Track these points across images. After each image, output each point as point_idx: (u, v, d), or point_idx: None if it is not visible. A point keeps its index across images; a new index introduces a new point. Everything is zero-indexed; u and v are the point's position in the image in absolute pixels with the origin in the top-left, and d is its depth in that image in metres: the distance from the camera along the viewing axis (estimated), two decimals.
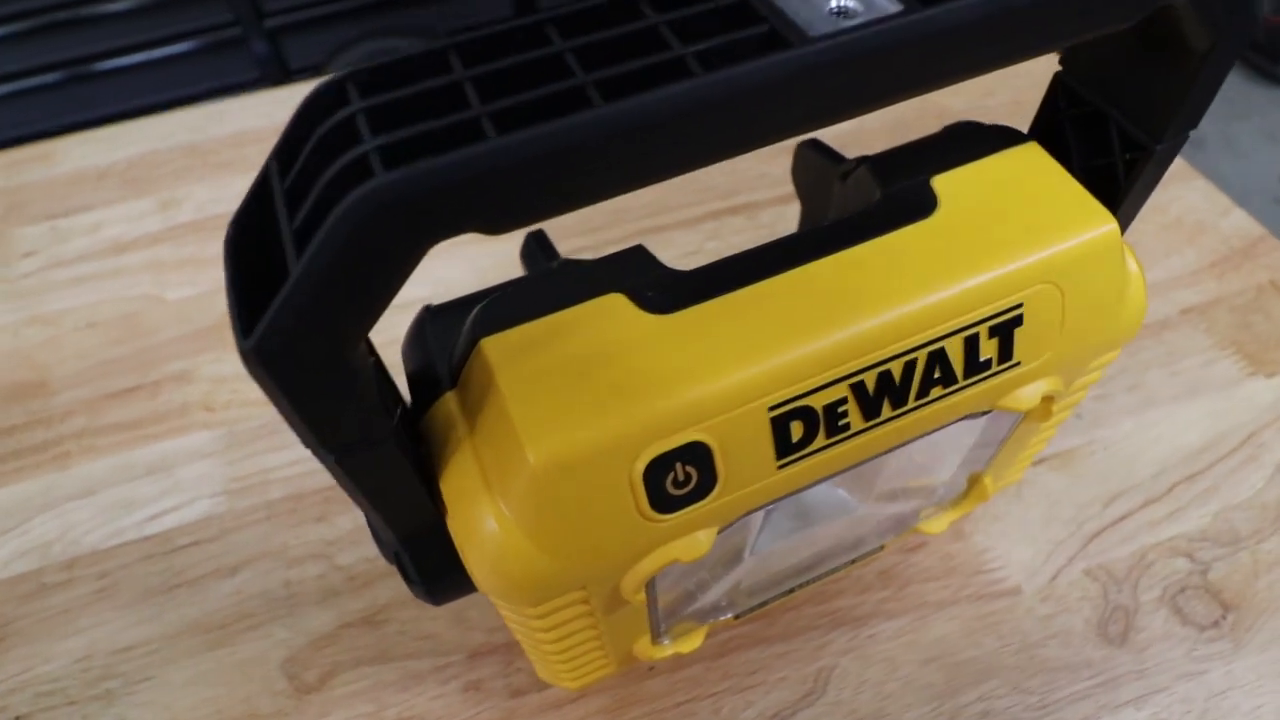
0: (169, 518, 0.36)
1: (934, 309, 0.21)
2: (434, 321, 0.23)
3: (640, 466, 0.19)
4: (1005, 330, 0.22)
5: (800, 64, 0.15)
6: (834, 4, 0.16)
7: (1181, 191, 0.46)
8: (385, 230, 0.13)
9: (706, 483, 0.20)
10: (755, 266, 0.21)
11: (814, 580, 0.31)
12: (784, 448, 0.20)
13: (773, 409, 0.20)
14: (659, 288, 0.21)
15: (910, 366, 0.21)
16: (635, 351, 0.20)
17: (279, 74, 1.19)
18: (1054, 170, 0.23)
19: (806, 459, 0.21)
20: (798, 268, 0.21)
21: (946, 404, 0.22)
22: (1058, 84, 0.25)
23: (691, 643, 0.29)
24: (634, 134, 0.14)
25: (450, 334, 0.21)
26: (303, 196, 0.14)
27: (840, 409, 0.21)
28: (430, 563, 0.21)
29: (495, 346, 0.20)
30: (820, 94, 0.15)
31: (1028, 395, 0.23)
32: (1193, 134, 0.24)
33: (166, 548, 0.35)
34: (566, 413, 0.19)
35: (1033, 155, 0.23)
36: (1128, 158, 0.24)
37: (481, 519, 0.19)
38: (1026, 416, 0.26)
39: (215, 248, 0.47)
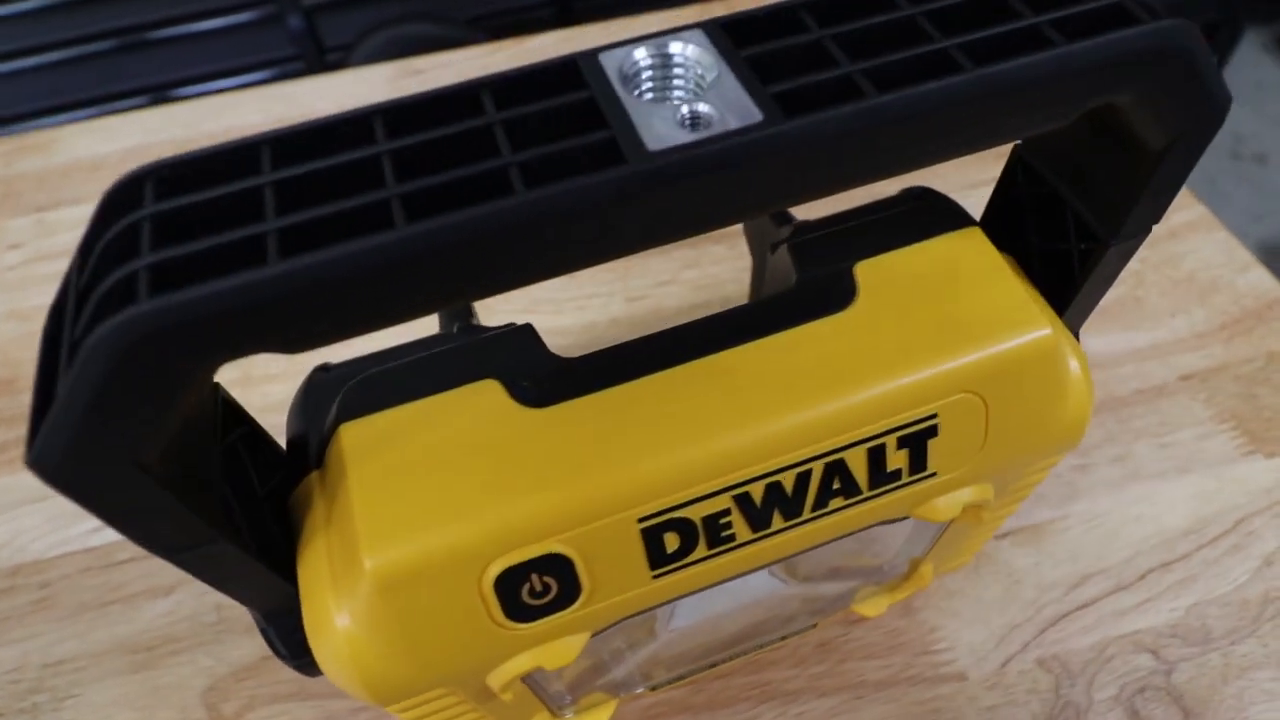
0: (111, 530, 0.36)
1: (833, 418, 0.19)
2: (320, 387, 0.22)
3: (490, 578, 0.18)
4: (917, 441, 0.20)
5: (632, 182, 0.13)
6: (686, 111, 0.14)
7: (1199, 244, 0.43)
8: (146, 360, 0.12)
9: (569, 593, 0.19)
10: (644, 358, 0.20)
11: (740, 655, 0.30)
12: (659, 559, 0.19)
13: (643, 521, 0.18)
14: (538, 377, 0.19)
15: (804, 478, 0.19)
16: (498, 450, 0.18)
17: (314, 52, 1.19)
18: (993, 263, 0.21)
19: (688, 568, 0.20)
20: (689, 362, 0.19)
21: (850, 514, 0.20)
22: (1017, 159, 0.23)
23: (601, 715, 0.28)
24: (437, 257, 0.13)
25: (330, 404, 0.20)
26: (83, 305, 0.13)
27: (722, 520, 0.19)
28: (298, 638, 0.21)
29: (354, 433, 0.19)
30: (656, 214, 0.14)
31: (946, 506, 0.21)
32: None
33: (106, 561, 0.35)
34: (413, 516, 0.17)
35: (973, 243, 0.21)
36: (1083, 248, 0.22)
37: (327, 616, 0.18)
38: (957, 520, 0.24)
39: None
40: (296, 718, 0.31)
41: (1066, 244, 0.22)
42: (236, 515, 0.18)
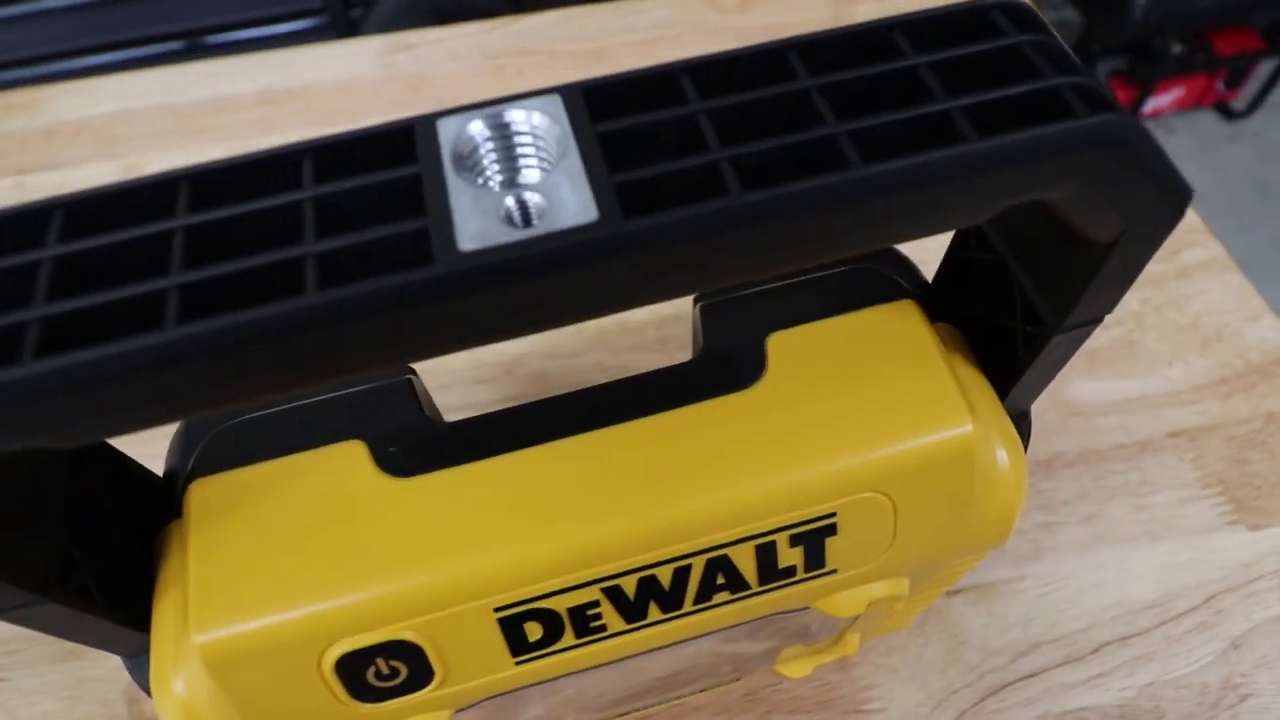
0: None
1: (717, 514, 0.17)
2: (196, 425, 0.20)
3: (330, 661, 0.17)
4: (813, 540, 0.18)
5: (433, 286, 0.12)
6: (513, 202, 0.12)
7: (1208, 285, 0.40)
8: None
9: (420, 677, 0.18)
10: (523, 428, 0.18)
11: (657, 705, 0.28)
12: (520, 647, 0.18)
13: (500, 610, 0.17)
14: (406, 441, 0.18)
15: (683, 574, 0.18)
16: (349, 522, 0.17)
17: (339, 6, 1.17)
18: (921, 344, 0.19)
19: (555, 655, 0.18)
20: (570, 437, 0.18)
21: (740, 607, 0.19)
22: (972, 228, 0.21)
23: None
24: (216, 359, 0.12)
25: (193, 450, 0.19)
26: None
27: (590, 612, 0.18)
28: None
29: (203, 492, 0.18)
30: (466, 317, 0.12)
31: (849, 601, 0.20)
32: None
33: None
34: (249, 592, 0.16)
35: (902, 320, 0.19)
36: (1028, 330, 0.20)
37: (167, 677, 0.17)
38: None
39: None
40: None
41: (1013, 322, 0.20)
42: (80, 567, 0.17)
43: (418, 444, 0.18)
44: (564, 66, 0.53)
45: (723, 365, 0.19)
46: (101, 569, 0.18)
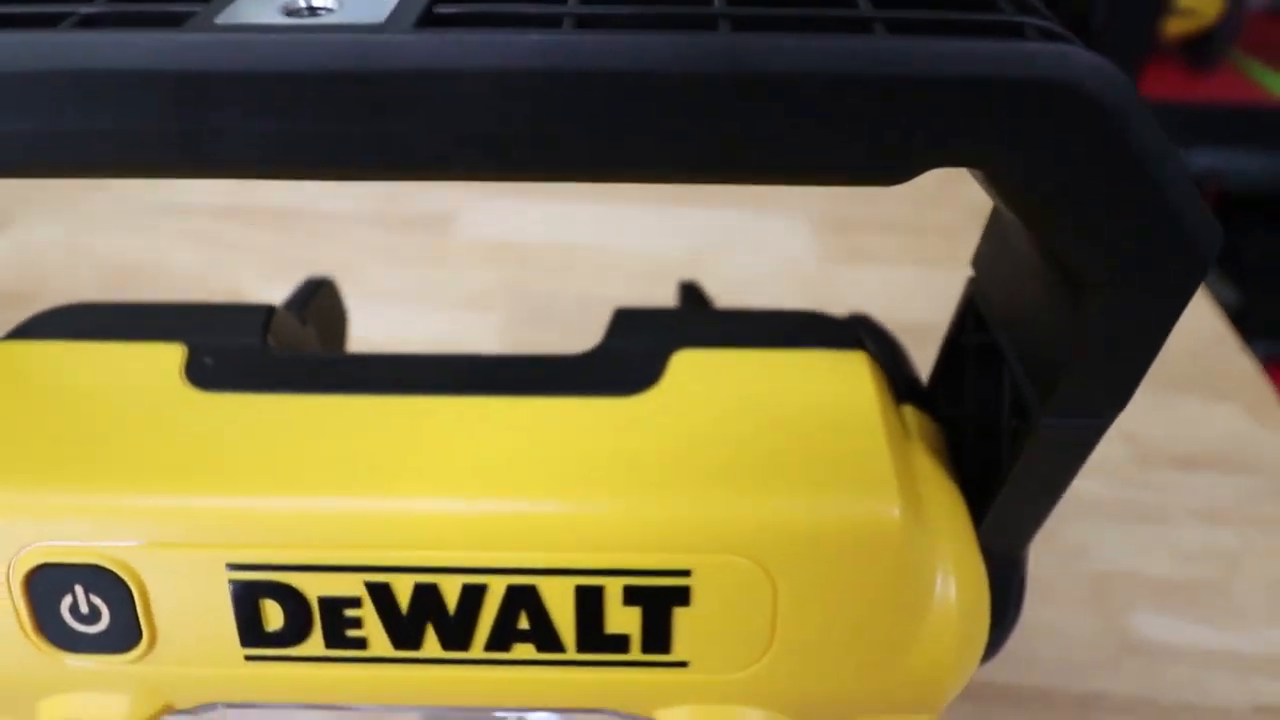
0: None
1: (530, 523, 0.13)
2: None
3: (22, 570, 0.13)
4: (654, 603, 0.14)
5: (170, 52, 0.10)
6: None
7: None
8: None
9: (123, 633, 0.14)
10: (359, 376, 0.15)
11: None
12: (253, 634, 0.14)
13: (234, 569, 0.13)
14: (228, 358, 0.15)
15: (474, 595, 0.14)
16: (110, 417, 0.14)
17: None
18: (859, 401, 0.15)
19: (297, 665, 0.14)
20: (399, 395, 0.15)
21: (550, 678, 0.14)
22: (969, 301, 0.17)
23: None
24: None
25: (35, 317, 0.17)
26: None
27: (349, 613, 0.14)
28: None
29: (12, 352, 0.16)
30: (208, 100, 0.10)
31: None
32: None
33: None
34: None
35: (843, 370, 0.15)
36: (1014, 424, 0.15)
37: None
38: None
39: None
40: None
41: (999, 419, 0.16)
42: None
43: (238, 363, 0.15)
44: None
45: (609, 367, 0.15)
46: None
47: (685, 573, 0.13)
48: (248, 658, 0.14)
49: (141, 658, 0.14)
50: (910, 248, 0.48)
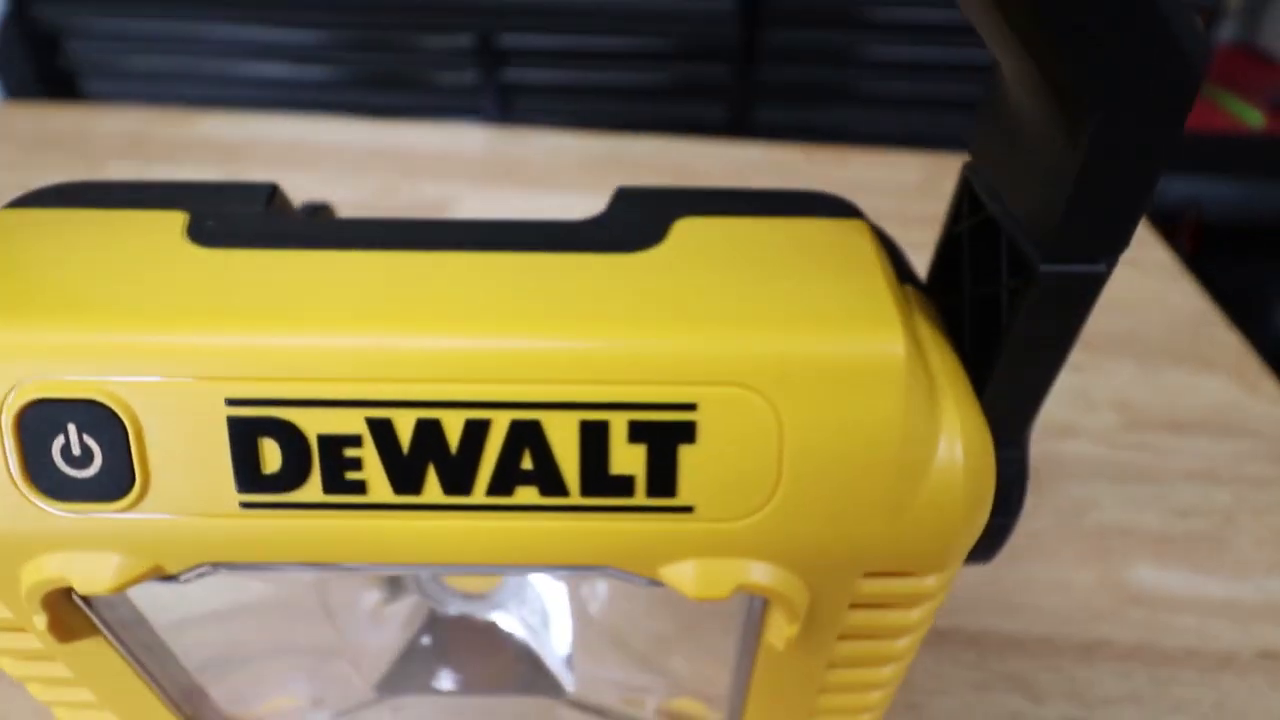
0: None
1: (533, 354, 0.13)
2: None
3: (14, 407, 0.13)
4: (660, 439, 0.13)
5: None
6: None
7: None
8: None
9: (115, 478, 0.14)
10: (383, 236, 0.15)
11: None
12: (249, 477, 0.14)
13: (233, 404, 0.13)
14: (232, 221, 0.15)
15: (477, 431, 0.13)
16: (122, 271, 0.14)
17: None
18: (861, 256, 0.15)
19: (293, 513, 0.14)
20: (404, 251, 0.15)
21: (553, 526, 0.14)
22: (964, 184, 0.18)
23: None
24: None
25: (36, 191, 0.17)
26: None
27: (349, 453, 0.13)
28: None
29: (8, 219, 0.15)
30: None
31: (708, 575, 0.14)
32: None
33: None
34: None
35: (843, 234, 0.16)
36: (1011, 286, 0.16)
37: None
38: (762, 647, 0.16)
39: None
40: None
41: (997, 285, 0.16)
42: None
43: (242, 225, 0.15)
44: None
45: (612, 230, 0.15)
46: None
47: (691, 406, 0.13)
48: (243, 505, 0.14)
49: (132, 506, 0.14)
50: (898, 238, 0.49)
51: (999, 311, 0.16)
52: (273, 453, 0.13)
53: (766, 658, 0.17)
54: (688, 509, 0.14)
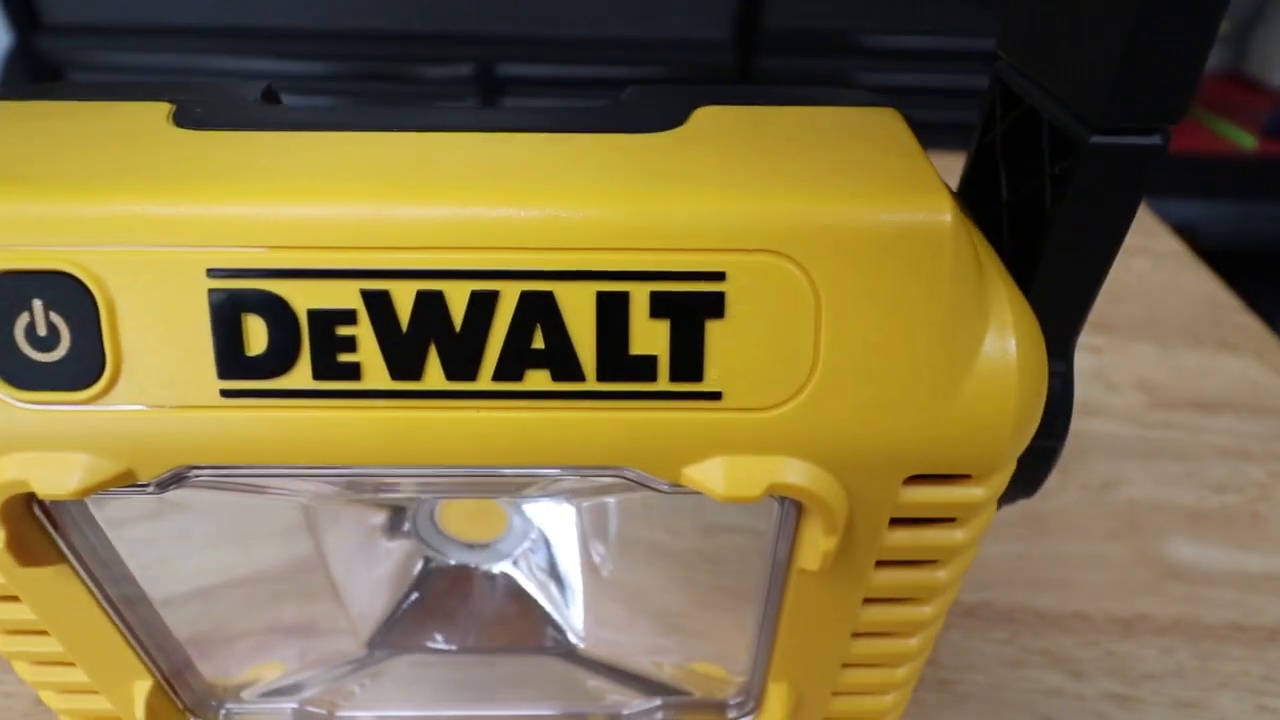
0: None
1: (544, 219, 0.12)
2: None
3: None
4: (686, 312, 0.12)
5: None
6: None
7: None
8: None
9: (84, 362, 0.12)
10: (384, 122, 0.14)
11: None
12: (231, 360, 0.12)
13: (214, 275, 0.12)
14: (220, 106, 0.14)
15: (484, 304, 0.12)
16: (102, 151, 0.13)
17: None
18: (899, 135, 0.14)
19: (279, 402, 0.12)
20: (412, 132, 0.14)
21: (563, 417, 0.13)
22: (995, 85, 0.17)
23: None
24: None
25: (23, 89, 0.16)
26: None
27: (341, 330, 0.12)
28: None
29: None
30: None
31: (735, 474, 0.13)
32: None
33: None
34: None
35: (878, 119, 0.15)
36: (1056, 171, 0.14)
37: None
38: (792, 579, 0.15)
39: None
40: None
41: (1039, 179, 0.15)
42: None
43: (233, 111, 0.14)
44: None
45: (624, 113, 0.14)
46: None
47: (719, 276, 0.12)
48: (224, 393, 0.12)
49: (102, 396, 0.12)
50: None
51: (1042, 210, 0.15)
52: (258, 332, 0.12)
53: (797, 593, 0.15)
54: (715, 395, 0.13)
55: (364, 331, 0.12)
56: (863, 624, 0.16)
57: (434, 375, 0.12)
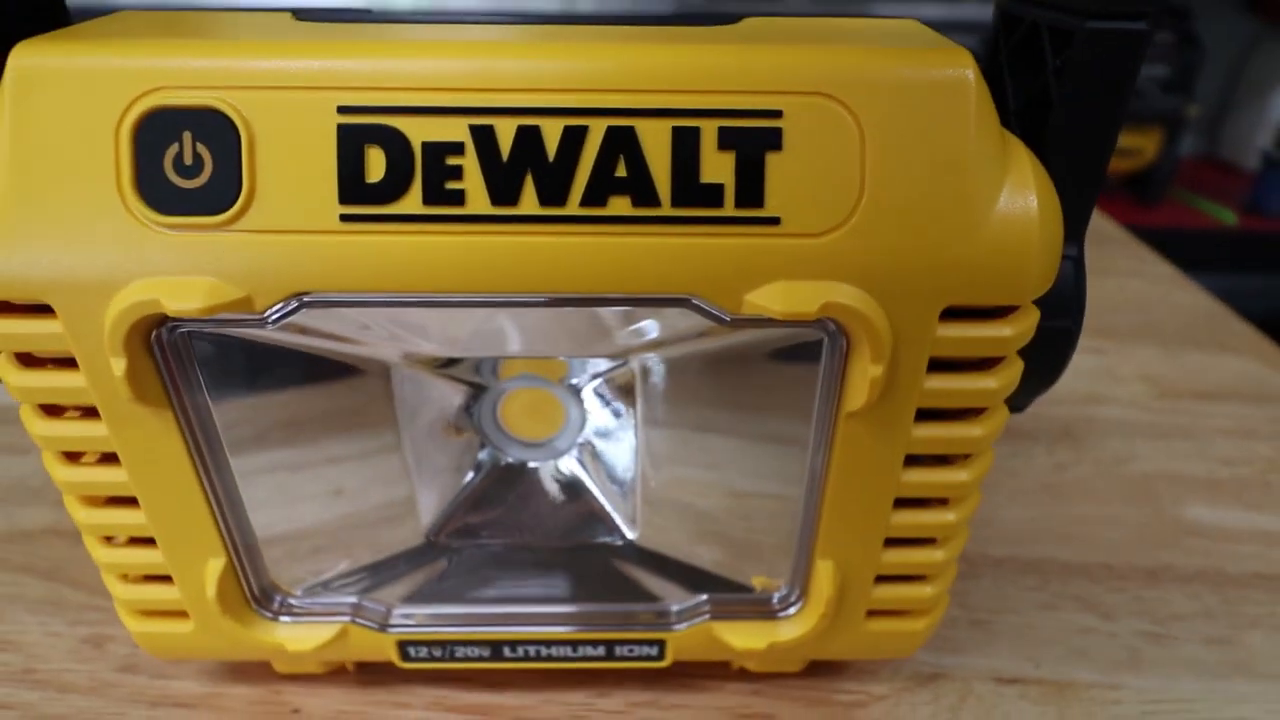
0: None
1: (626, 65, 0.14)
2: None
3: (132, 114, 0.14)
4: (749, 146, 0.14)
5: None
6: None
7: None
8: None
9: (223, 187, 0.14)
10: (462, 20, 0.16)
11: (547, 660, 0.20)
12: (353, 188, 0.14)
13: (344, 112, 0.14)
14: (337, 14, 0.17)
15: (574, 138, 0.14)
16: (240, 28, 0.15)
17: None
18: (928, 35, 0.16)
19: (392, 226, 0.14)
20: (497, 24, 0.16)
21: (642, 242, 0.14)
22: (998, 15, 0.19)
23: (318, 639, 0.19)
24: None
25: None
26: None
27: (450, 161, 0.14)
28: None
29: (130, 13, 0.17)
30: None
31: (793, 294, 0.14)
32: None
33: None
34: (97, 39, 0.15)
35: (906, 24, 0.17)
36: (1058, 63, 0.17)
37: None
38: (843, 414, 0.16)
39: None
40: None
41: (1043, 75, 0.17)
42: None
43: (344, 14, 0.17)
44: None
45: (683, 20, 0.17)
46: None
47: (777, 113, 0.14)
48: (343, 217, 0.14)
49: (234, 220, 0.14)
50: None
51: (1048, 107, 0.17)
52: (378, 161, 0.14)
53: (844, 443, 0.17)
54: (774, 220, 0.14)
55: (469, 161, 0.14)
56: (904, 488, 0.17)
57: (529, 201, 0.14)
